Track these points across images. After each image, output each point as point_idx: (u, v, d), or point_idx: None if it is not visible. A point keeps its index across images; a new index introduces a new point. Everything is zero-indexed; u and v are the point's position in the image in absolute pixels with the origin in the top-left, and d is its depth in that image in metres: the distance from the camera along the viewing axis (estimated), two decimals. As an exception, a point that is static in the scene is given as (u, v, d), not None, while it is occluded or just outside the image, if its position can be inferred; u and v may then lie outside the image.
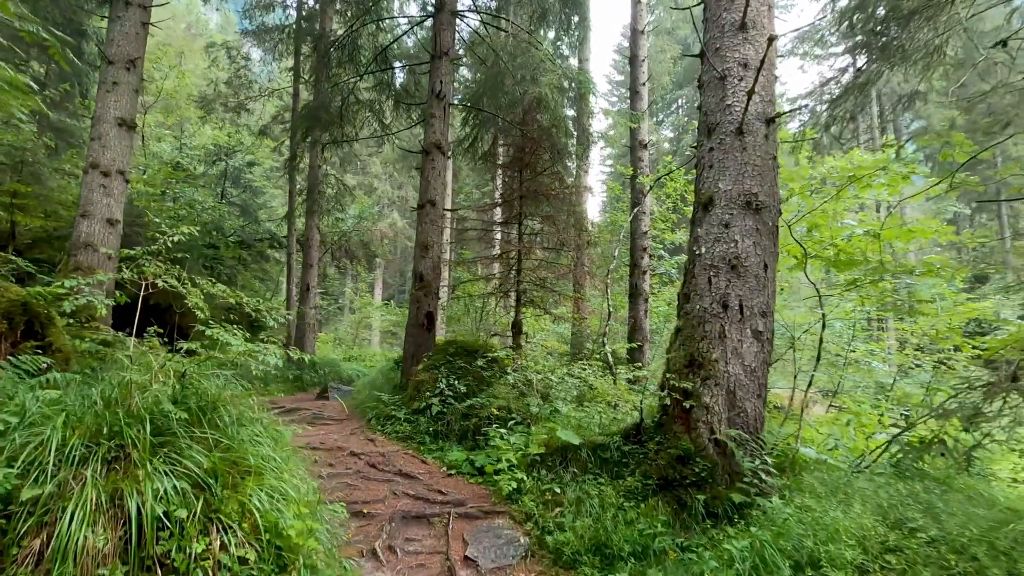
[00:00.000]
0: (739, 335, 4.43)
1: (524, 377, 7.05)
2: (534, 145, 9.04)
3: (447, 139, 10.07)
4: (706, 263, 4.62)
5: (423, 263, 9.31)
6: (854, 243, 6.42)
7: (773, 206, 4.64)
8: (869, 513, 3.01)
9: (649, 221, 12.76)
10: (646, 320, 12.26)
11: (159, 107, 18.28)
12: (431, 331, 9.26)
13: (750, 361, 4.42)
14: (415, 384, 7.76)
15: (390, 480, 5.45)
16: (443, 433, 6.86)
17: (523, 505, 4.45)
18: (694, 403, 4.32)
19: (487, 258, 9.99)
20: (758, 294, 4.48)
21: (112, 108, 7.14)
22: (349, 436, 7.29)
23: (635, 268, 12.15)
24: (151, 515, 2.32)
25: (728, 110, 4.72)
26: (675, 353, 4.65)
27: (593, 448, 4.79)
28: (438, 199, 9.53)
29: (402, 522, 4.43)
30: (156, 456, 2.61)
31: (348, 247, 20.65)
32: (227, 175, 17.39)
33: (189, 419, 2.83)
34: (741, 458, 4.12)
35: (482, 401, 6.85)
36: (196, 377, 3.07)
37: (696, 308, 4.60)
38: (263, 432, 3.55)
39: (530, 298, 8.87)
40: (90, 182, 6.99)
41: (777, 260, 4.74)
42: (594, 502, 4.15)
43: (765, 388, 4.54)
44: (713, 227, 4.64)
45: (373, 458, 6.18)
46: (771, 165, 4.68)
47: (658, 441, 4.44)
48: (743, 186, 4.58)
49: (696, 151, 5.07)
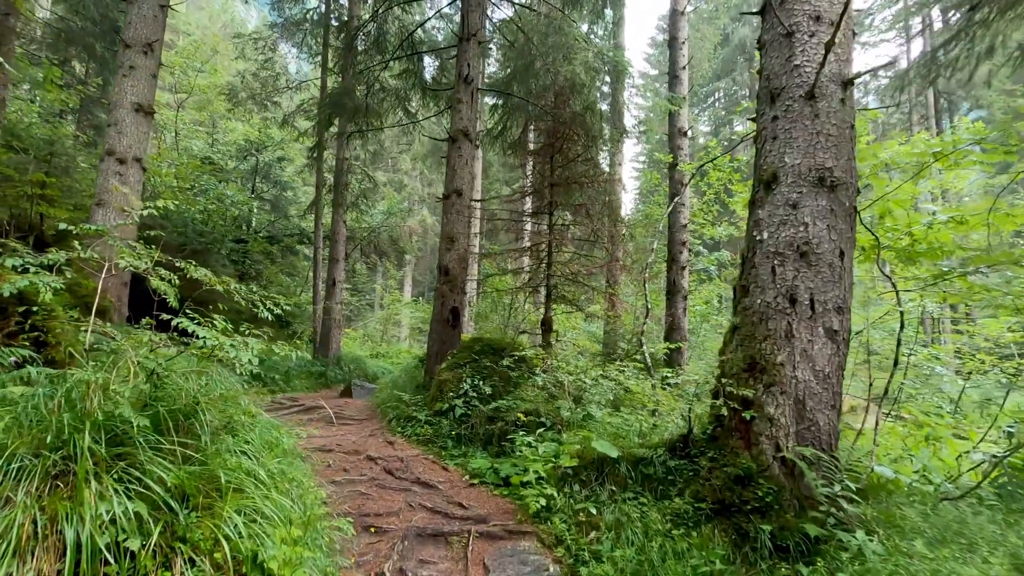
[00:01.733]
0: (810, 334, 3.75)
1: (554, 378, 6.48)
2: (566, 130, 8.44)
3: (475, 126, 9.58)
4: (769, 250, 3.96)
5: (448, 256, 8.84)
6: (933, 232, 5.61)
7: (850, 183, 3.94)
8: (1004, 565, 2.33)
9: (688, 214, 11.98)
10: (684, 319, 11.50)
11: (192, 103, 18.44)
12: (456, 328, 8.79)
13: (822, 365, 3.74)
14: (438, 384, 7.29)
15: (407, 490, 4.97)
16: (466, 437, 6.36)
17: (553, 526, 3.89)
18: (755, 414, 3.67)
19: (516, 250, 9.45)
20: (832, 286, 3.80)
21: (129, 93, 6.92)
22: (368, 438, 6.88)
23: (673, 263, 11.41)
24: (89, 546, 1.87)
25: (796, 71, 4.04)
26: (731, 355, 4.00)
27: (634, 462, 4.19)
28: (465, 189, 9.04)
29: (417, 540, 3.94)
30: (111, 472, 2.17)
31: (377, 243, 20.46)
32: (257, 170, 17.40)
33: (156, 426, 2.38)
34: (813, 480, 3.46)
35: (509, 404, 6.32)
36: (172, 376, 2.63)
37: (757, 303, 3.95)
38: (255, 439, 3.10)
39: (561, 294, 8.28)
40: (106, 170, 6.78)
41: (854, 247, 4.04)
42: (636, 527, 3.55)
43: (840, 397, 3.85)
44: (778, 208, 3.97)
45: (391, 463, 5.73)
46: (848, 135, 3.98)
47: (711, 457, 3.81)
48: (814, 159, 3.89)
49: (756, 121, 4.40)
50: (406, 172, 36.51)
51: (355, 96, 10.04)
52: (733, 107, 38.69)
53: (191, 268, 2.86)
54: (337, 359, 13.07)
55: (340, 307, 13.50)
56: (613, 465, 4.20)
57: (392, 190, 29.91)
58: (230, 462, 2.47)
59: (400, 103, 10.91)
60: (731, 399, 3.77)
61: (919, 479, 4.44)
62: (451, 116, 9.56)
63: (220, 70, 17.84)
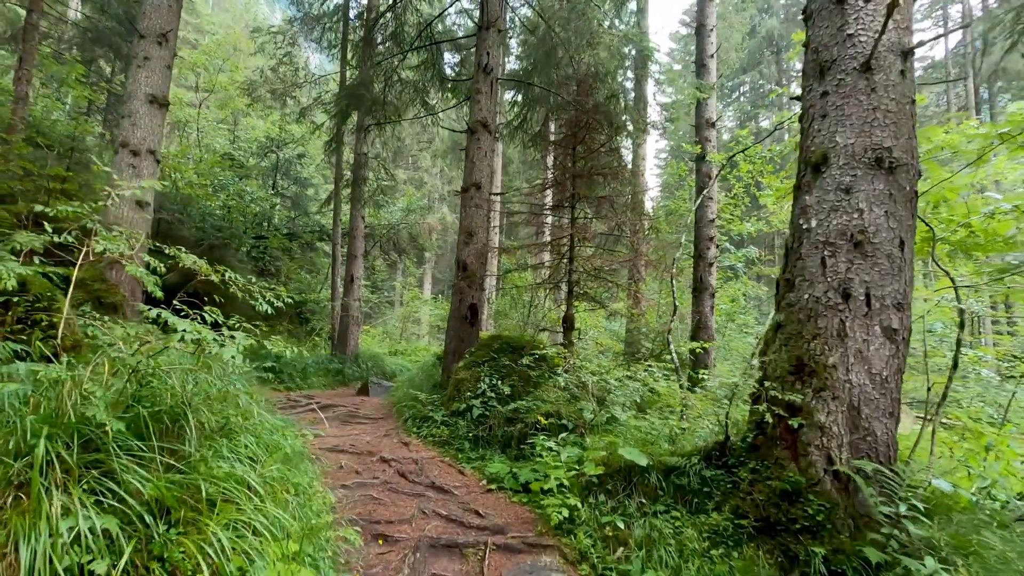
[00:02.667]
0: (865, 333, 3.36)
1: (577, 378, 6.15)
2: (589, 119, 8.08)
3: (494, 117, 9.28)
4: (818, 239, 3.57)
5: (467, 251, 8.57)
6: (995, 223, 5.11)
7: (911, 165, 3.53)
8: None
9: (716, 208, 11.50)
10: (711, 317, 11.03)
11: (215, 101, 18.56)
12: (475, 325, 8.51)
13: (880, 368, 3.35)
14: (455, 383, 7.03)
15: (421, 495, 4.71)
16: (484, 439, 6.08)
17: (576, 540, 3.58)
18: (804, 421, 3.30)
19: (537, 245, 9.12)
20: (891, 280, 3.39)
21: (143, 84, 6.80)
22: (382, 438, 6.65)
23: (700, 260, 10.94)
24: (44, 569, 1.63)
25: (849, 41, 3.64)
26: (775, 355, 3.63)
27: (665, 471, 3.85)
28: (483, 182, 8.75)
29: (429, 552, 3.66)
30: (82, 481, 1.93)
31: (396, 240, 20.34)
32: (278, 167, 17.41)
33: (137, 430, 2.13)
34: (872, 497, 3.08)
35: (529, 404, 6.01)
36: (159, 374, 2.39)
37: (804, 298, 3.56)
38: (254, 442, 2.85)
39: (583, 290, 7.93)
40: (119, 162, 6.67)
41: (915, 235, 3.62)
42: (670, 545, 3.22)
43: (899, 404, 3.45)
44: (828, 193, 3.58)
45: (405, 465, 5.48)
46: (908, 111, 3.56)
47: (752, 468, 3.44)
48: (870, 138, 3.49)
49: (801, 99, 4.00)
50: (426, 170, 36.47)
51: (372, 88, 9.84)
52: (759, 101, 37.64)
53: (182, 255, 2.62)
54: (355, 356, 12.93)
55: (358, 304, 13.36)
56: (642, 474, 3.86)
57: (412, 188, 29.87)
58: (217, 470, 2.22)
59: (419, 95, 10.67)
60: (775, 404, 3.40)
61: (981, 495, 4.00)
62: (470, 107, 9.28)
63: (240, 67, 17.91)
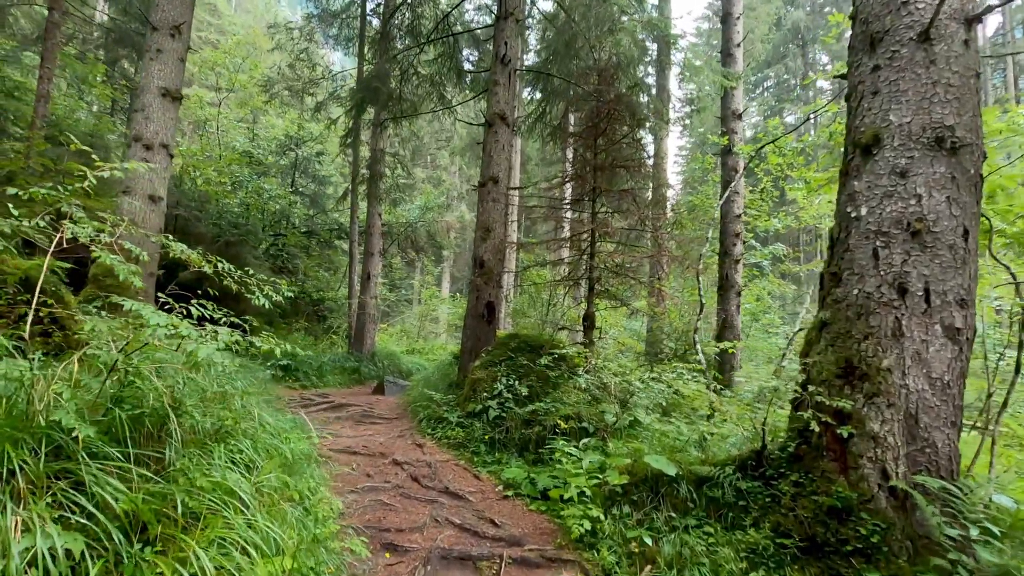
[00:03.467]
0: (924, 333, 3.01)
1: (599, 379, 5.86)
2: (611, 110, 7.76)
3: (513, 109, 9.02)
4: (869, 229, 3.22)
5: (484, 247, 8.32)
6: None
7: (975, 145, 3.16)
8: None
9: (743, 203, 11.06)
10: (738, 316, 10.62)
11: (235, 100, 18.67)
12: (492, 323, 8.27)
13: (940, 371, 3.00)
14: (471, 383, 6.79)
15: (433, 501, 4.48)
16: (501, 442, 5.82)
17: (600, 556, 3.30)
18: (854, 430, 2.96)
19: (556, 241, 8.82)
20: (954, 273, 3.04)
21: (156, 77, 6.70)
22: (396, 439, 6.44)
23: (726, 256, 10.53)
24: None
25: (904, 9, 3.28)
26: (819, 357, 3.29)
27: (695, 482, 3.54)
28: (501, 176, 8.50)
29: (441, 564, 3.42)
30: (49, 493, 1.72)
31: (414, 239, 20.23)
32: (297, 165, 17.42)
33: (114, 436, 1.93)
34: (933, 517, 2.74)
35: (547, 406, 5.74)
36: (143, 372, 2.18)
37: (854, 294, 3.22)
38: (251, 447, 2.64)
39: (604, 287, 7.62)
40: (132, 156, 6.59)
41: (979, 225, 3.25)
42: (703, 564, 2.92)
43: (961, 412, 3.09)
44: (880, 177, 3.23)
45: (418, 469, 5.26)
46: (972, 85, 3.19)
47: (795, 481, 3.12)
48: (929, 116, 3.13)
49: (848, 76, 3.65)
50: (444, 168, 36.42)
51: (389, 82, 9.66)
52: (784, 95, 36.67)
53: (171, 245, 2.41)
54: (371, 355, 12.80)
55: (375, 301, 13.23)
56: (670, 485, 3.56)
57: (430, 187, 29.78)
58: (202, 480, 2.00)
59: (435, 89, 10.46)
60: (821, 411, 3.07)
61: None
62: (488, 99, 9.04)
63: (259, 65, 17.98)
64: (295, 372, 9.92)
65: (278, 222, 15.38)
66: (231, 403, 2.71)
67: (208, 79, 18.96)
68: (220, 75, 17.17)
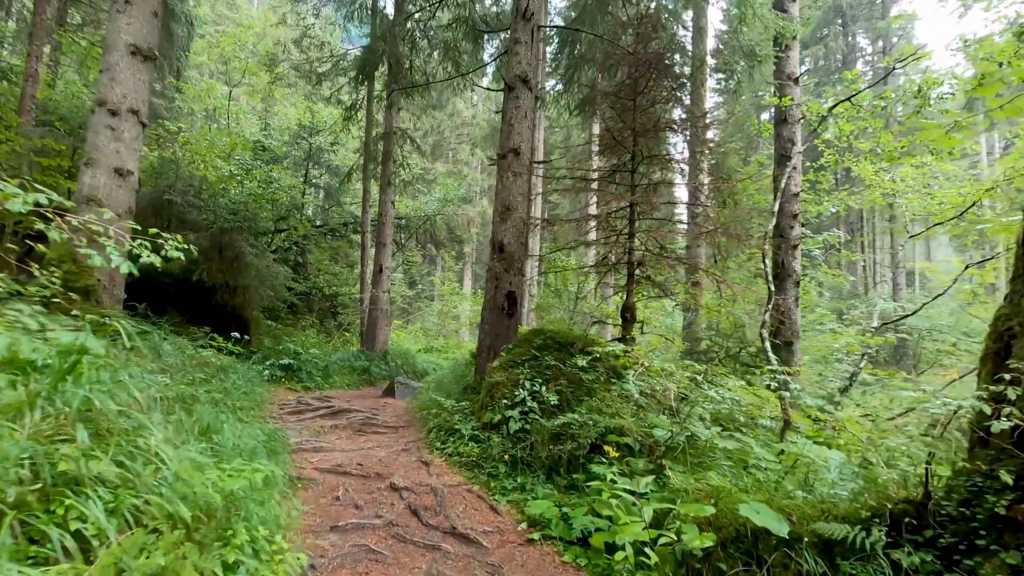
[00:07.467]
0: None
1: (648, 385, 4.68)
2: (650, 66, 6.54)
3: (536, 71, 7.87)
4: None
5: (503, 228, 7.18)
6: None
7: None
8: None
9: (800, 179, 9.67)
10: (796, 309, 9.22)
11: (246, 89, 18.04)
12: (513, 317, 7.12)
13: None
14: (488, 387, 5.67)
15: (435, 547, 3.37)
16: (524, 462, 4.69)
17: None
18: None
19: (588, 218, 7.62)
20: None
21: (123, 32, 5.77)
22: (399, 454, 5.36)
23: (783, 240, 9.16)
24: None
25: None
26: None
27: (819, 546, 2.34)
28: (523, 147, 7.34)
29: (436, 662, 2.31)
30: None
31: (433, 232, 19.26)
32: (310, 155, 16.60)
33: None
34: None
35: (582, 418, 4.57)
36: None
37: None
38: (108, 501, 1.56)
39: (647, 273, 6.40)
40: (96, 123, 5.67)
41: None
42: None
43: None
44: None
45: (421, 497, 4.16)
46: None
47: (1002, 563, 1.90)
48: None
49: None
50: (465, 162, 35.51)
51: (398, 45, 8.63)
52: (827, 78, 34.45)
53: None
54: (384, 353, 11.81)
55: (387, 296, 12.23)
56: (781, 549, 2.36)
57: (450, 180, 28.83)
58: None
59: (449, 55, 9.36)
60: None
61: None
62: (507, 61, 7.89)
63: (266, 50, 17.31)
64: (298, 372, 8.97)
65: (289, 213, 14.55)
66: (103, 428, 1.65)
67: (216, 69, 18.38)
68: (229, 63, 16.48)
